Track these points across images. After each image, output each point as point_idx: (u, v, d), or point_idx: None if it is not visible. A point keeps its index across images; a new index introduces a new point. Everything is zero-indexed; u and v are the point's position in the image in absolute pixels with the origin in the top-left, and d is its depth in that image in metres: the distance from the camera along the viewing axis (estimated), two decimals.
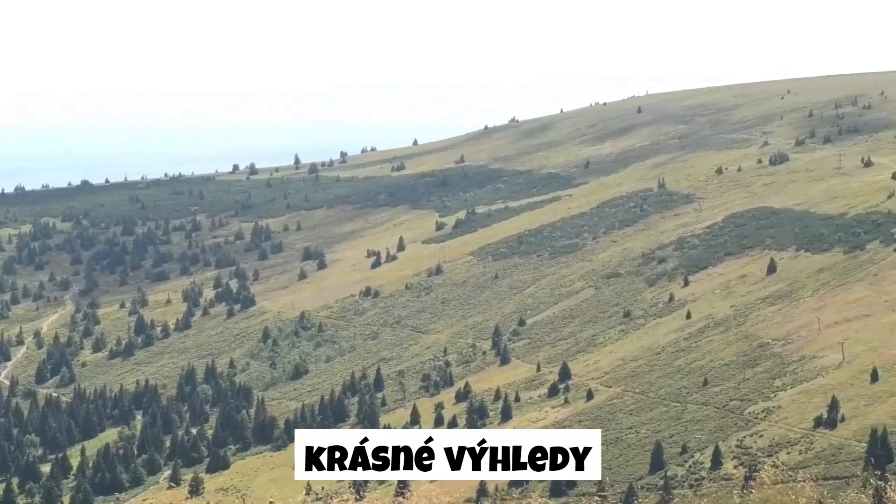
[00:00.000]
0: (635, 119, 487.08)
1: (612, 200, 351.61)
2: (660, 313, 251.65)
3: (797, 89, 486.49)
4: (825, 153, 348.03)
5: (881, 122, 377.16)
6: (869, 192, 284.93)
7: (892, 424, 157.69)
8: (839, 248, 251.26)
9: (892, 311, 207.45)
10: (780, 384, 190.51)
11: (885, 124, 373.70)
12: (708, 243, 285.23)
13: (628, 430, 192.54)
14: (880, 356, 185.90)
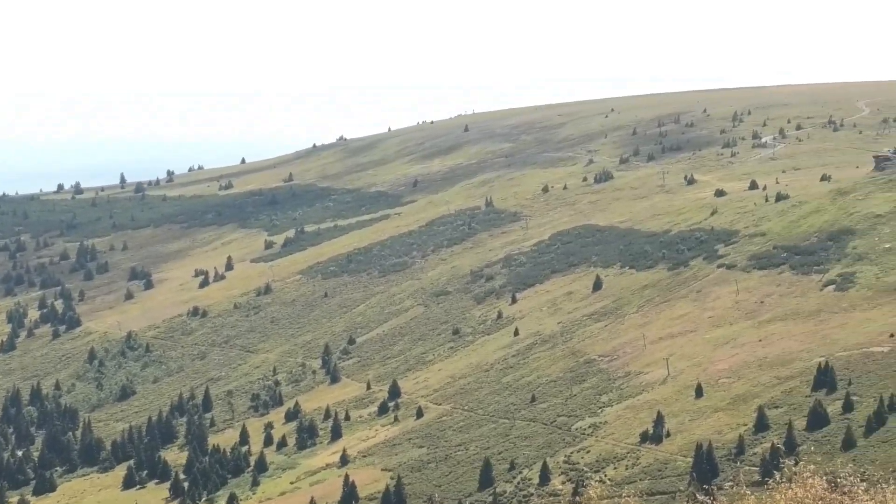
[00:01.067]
0: (462, 137, 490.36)
1: (440, 219, 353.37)
2: (488, 330, 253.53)
3: (621, 108, 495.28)
4: (649, 171, 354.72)
5: (703, 140, 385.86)
6: (692, 209, 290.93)
7: (717, 439, 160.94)
8: (663, 264, 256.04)
9: (715, 327, 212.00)
10: (607, 400, 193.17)
11: (707, 142, 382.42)
12: (535, 261, 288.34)
13: (457, 447, 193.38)
14: (704, 371, 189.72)
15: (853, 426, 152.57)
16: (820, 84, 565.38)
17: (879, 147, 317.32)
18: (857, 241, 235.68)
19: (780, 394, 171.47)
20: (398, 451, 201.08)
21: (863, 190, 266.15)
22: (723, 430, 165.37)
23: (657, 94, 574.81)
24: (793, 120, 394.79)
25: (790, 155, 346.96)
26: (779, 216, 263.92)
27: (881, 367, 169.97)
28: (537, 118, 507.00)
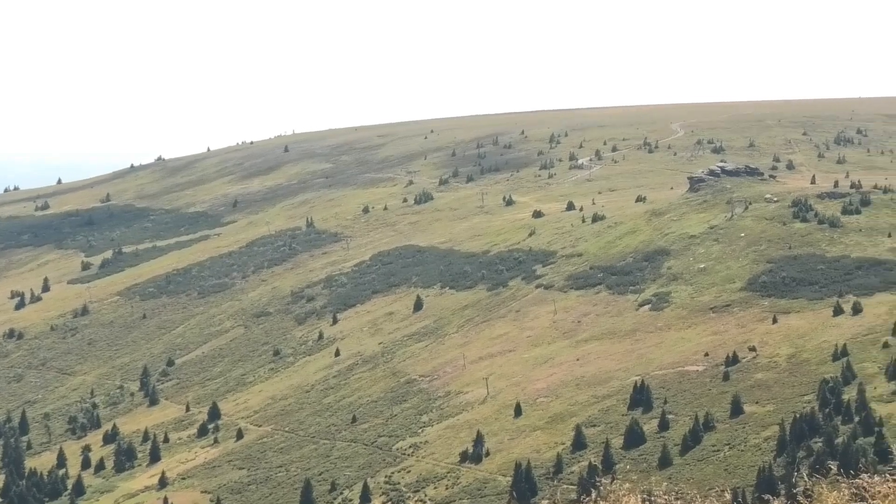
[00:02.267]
0: (282, 157, 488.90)
1: (260, 239, 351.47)
2: (309, 351, 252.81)
3: (440, 129, 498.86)
4: (468, 192, 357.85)
5: (521, 161, 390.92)
6: (511, 229, 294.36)
7: (535, 458, 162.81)
8: (483, 285, 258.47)
9: (534, 347, 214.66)
10: (427, 420, 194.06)
11: (525, 163, 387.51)
12: (356, 281, 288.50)
13: (278, 468, 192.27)
14: (523, 391, 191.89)
15: (669, 444, 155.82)
16: (635, 106, 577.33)
17: (693, 168, 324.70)
18: (671, 262, 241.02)
19: (598, 412, 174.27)
20: (218, 473, 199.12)
21: (677, 211, 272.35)
22: (541, 448, 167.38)
23: (475, 116, 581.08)
24: (609, 141, 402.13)
25: (606, 176, 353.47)
26: (595, 237, 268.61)
27: (696, 386, 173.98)
28: (357, 138, 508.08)
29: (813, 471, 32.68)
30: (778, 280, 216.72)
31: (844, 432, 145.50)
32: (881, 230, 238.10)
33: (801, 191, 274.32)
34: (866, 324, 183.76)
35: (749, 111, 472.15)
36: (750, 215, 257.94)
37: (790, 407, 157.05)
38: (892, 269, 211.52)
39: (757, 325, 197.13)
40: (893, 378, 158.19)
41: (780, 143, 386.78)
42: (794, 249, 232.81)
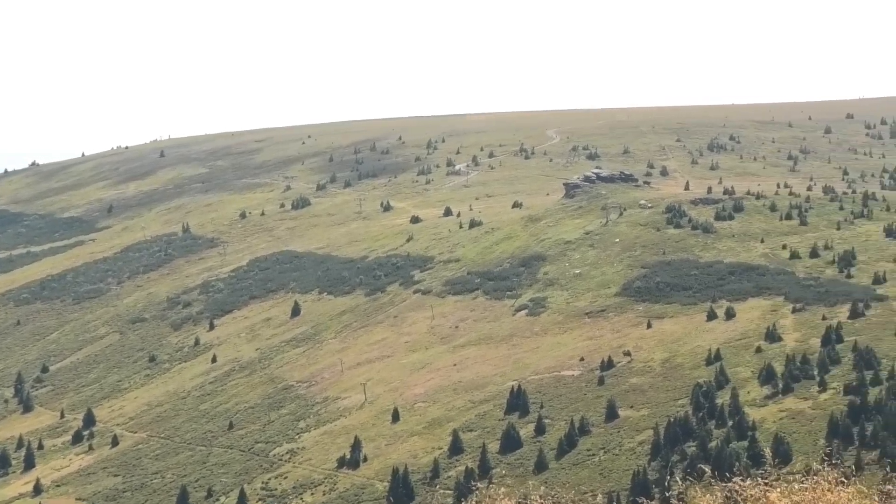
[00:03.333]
0: (158, 162, 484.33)
1: (136, 245, 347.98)
2: (185, 357, 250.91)
3: (317, 134, 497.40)
4: (346, 197, 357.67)
5: (399, 167, 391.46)
6: (388, 235, 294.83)
7: (413, 463, 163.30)
8: (361, 290, 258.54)
9: (411, 352, 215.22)
10: (305, 426, 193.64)
11: (402, 169, 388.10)
12: (233, 287, 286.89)
13: (154, 475, 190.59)
14: (401, 396, 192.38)
15: (545, 449, 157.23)
16: (511, 112, 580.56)
17: (569, 174, 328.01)
18: (547, 267, 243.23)
19: (475, 417, 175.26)
20: (93, 479, 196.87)
21: (553, 216, 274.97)
22: (418, 454, 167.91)
23: (353, 121, 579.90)
24: (486, 147, 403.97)
25: (483, 182, 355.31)
26: (472, 242, 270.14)
27: (572, 391, 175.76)
28: (234, 143, 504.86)
29: (686, 474, 33.50)
30: (652, 285, 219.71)
31: (718, 436, 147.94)
32: (754, 235, 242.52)
33: (675, 197, 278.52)
34: (739, 328, 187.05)
35: (623, 118, 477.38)
36: (625, 221, 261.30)
37: (664, 411, 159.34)
38: (765, 275, 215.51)
39: (631, 329, 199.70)
40: (766, 383, 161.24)
41: (655, 150, 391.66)
42: (668, 255, 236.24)
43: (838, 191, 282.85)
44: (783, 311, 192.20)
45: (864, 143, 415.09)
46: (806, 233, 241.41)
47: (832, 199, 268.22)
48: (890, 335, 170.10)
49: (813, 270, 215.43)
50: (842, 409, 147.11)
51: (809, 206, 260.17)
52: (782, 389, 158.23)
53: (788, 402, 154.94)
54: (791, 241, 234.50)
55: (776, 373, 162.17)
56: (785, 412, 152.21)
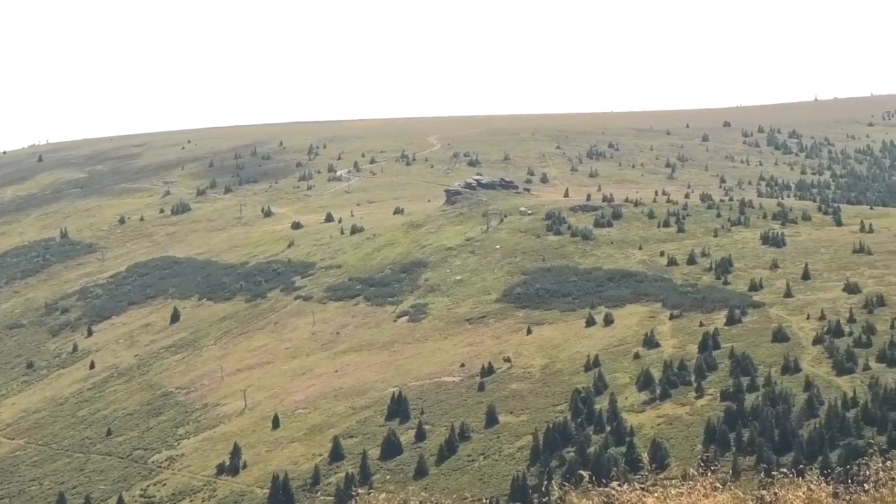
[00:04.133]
0: (36, 167, 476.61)
1: (13, 250, 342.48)
2: (63, 364, 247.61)
3: (197, 139, 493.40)
4: (227, 203, 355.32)
5: (280, 172, 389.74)
6: (269, 241, 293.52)
7: (293, 469, 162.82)
8: (241, 296, 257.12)
9: (292, 358, 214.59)
10: (184, 432, 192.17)
11: (283, 174, 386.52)
12: (111, 293, 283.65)
13: (31, 482, 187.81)
14: (281, 403, 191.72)
15: (425, 454, 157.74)
16: (393, 119, 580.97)
17: (450, 181, 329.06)
18: (429, 273, 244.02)
19: (355, 424, 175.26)
20: None
21: (434, 223, 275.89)
22: (299, 460, 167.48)
23: (233, 126, 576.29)
24: (367, 153, 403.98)
25: (365, 188, 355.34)
26: (354, 248, 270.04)
27: (452, 397, 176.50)
28: (112, 148, 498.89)
29: (565, 480, 33.94)
30: (532, 292, 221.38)
31: (596, 442, 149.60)
32: (632, 242, 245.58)
33: (555, 204, 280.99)
34: (618, 335, 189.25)
35: (504, 124, 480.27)
36: (505, 228, 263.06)
37: (544, 417, 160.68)
38: (643, 281, 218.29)
39: (512, 335, 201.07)
40: (644, 388, 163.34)
41: (535, 157, 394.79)
42: (547, 261, 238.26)
43: (715, 198, 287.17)
44: (661, 317, 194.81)
45: (741, 150, 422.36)
46: (683, 240, 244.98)
47: (709, 206, 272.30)
48: (766, 341, 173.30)
49: (690, 277, 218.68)
50: (718, 414, 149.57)
51: (687, 213, 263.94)
52: (660, 395, 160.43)
53: (666, 408, 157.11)
54: (669, 248, 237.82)
55: (654, 379, 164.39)
56: (662, 418, 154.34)
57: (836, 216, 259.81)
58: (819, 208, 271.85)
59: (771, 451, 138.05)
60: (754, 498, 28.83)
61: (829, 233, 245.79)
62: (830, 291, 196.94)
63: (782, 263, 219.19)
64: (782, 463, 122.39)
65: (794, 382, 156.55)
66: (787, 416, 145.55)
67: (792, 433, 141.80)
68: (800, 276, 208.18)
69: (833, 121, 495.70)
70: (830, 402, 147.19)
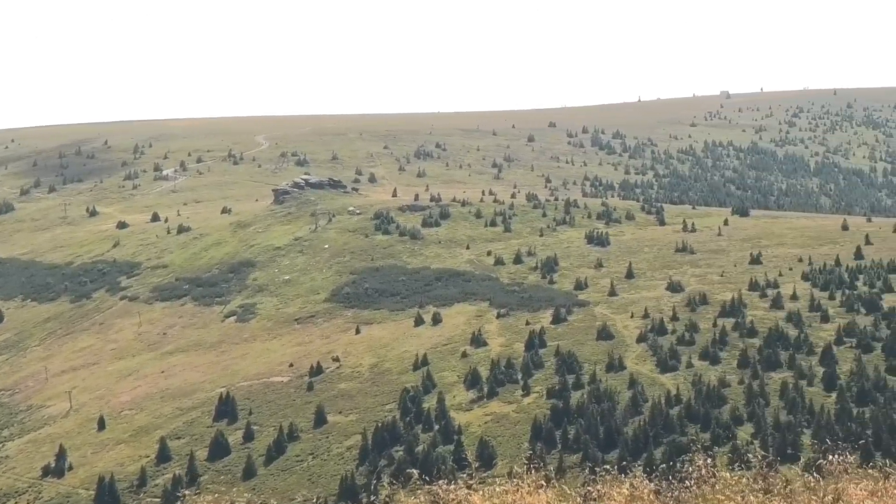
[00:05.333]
0: None
1: None
2: None
3: (21, 137, 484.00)
4: (51, 202, 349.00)
5: (105, 171, 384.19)
6: (95, 241, 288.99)
7: (119, 471, 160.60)
8: (66, 297, 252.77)
9: (118, 359, 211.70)
10: (8, 434, 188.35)
11: (109, 173, 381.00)
12: None
13: None
14: (107, 404, 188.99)
15: (254, 455, 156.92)
16: (219, 118, 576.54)
17: (278, 180, 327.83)
18: (257, 273, 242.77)
19: (183, 425, 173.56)
20: None
21: (263, 223, 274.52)
22: (125, 462, 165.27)
23: (57, 125, 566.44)
24: (194, 153, 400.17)
25: (192, 188, 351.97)
26: (181, 248, 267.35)
27: (281, 397, 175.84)
28: None
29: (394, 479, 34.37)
30: (361, 291, 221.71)
31: (425, 440, 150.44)
32: (460, 242, 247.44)
33: (384, 203, 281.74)
34: (446, 334, 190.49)
35: (332, 124, 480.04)
36: (334, 227, 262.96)
37: (372, 416, 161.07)
38: (471, 280, 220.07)
39: (341, 335, 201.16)
40: (472, 387, 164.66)
41: (363, 157, 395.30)
42: (376, 261, 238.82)
43: (541, 198, 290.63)
44: (488, 316, 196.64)
45: (566, 151, 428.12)
46: (510, 239, 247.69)
47: (535, 206, 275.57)
48: (591, 340, 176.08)
49: (517, 276, 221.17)
50: (545, 412, 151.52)
51: (513, 213, 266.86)
52: (487, 394, 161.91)
53: (493, 406, 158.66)
54: (496, 248, 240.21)
55: (481, 377, 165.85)
56: (490, 416, 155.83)
57: (659, 216, 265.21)
58: (642, 208, 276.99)
59: (596, 448, 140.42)
60: (578, 495, 29.42)
61: (652, 232, 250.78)
62: (654, 290, 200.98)
63: (607, 262, 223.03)
64: (607, 460, 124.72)
65: (619, 380, 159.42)
66: (611, 413, 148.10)
67: (617, 430, 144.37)
68: (624, 274, 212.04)
69: (656, 121, 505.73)
70: (654, 399, 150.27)
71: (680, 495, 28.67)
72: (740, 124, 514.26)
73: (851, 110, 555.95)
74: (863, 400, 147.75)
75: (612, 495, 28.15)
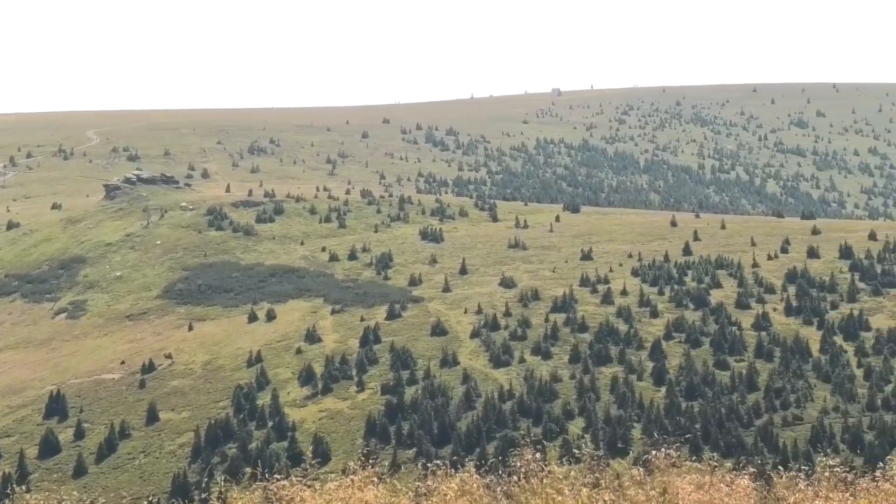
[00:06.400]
0: None
1: None
2: None
3: None
4: None
5: None
6: None
7: None
8: None
9: None
10: None
11: None
12: None
13: None
14: None
15: (84, 453, 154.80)
16: (48, 112, 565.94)
17: (109, 176, 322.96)
18: (88, 270, 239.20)
19: (12, 422, 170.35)
20: None
21: (94, 218, 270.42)
22: None
23: None
24: (23, 147, 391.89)
25: (21, 183, 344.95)
26: (10, 245, 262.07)
27: (112, 394, 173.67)
28: None
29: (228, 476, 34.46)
30: (194, 287, 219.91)
31: (259, 437, 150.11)
32: (294, 238, 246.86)
33: (217, 199, 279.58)
34: (280, 330, 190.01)
35: (164, 119, 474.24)
36: (166, 223, 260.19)
37: (205, 413, 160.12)
38: (305, 277, 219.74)
39: (173, 332, 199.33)
40: (306, 383, 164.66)
41: (196, 152, 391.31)
42: (209, 257, 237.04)
43: (376, 194, 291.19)
44: (323, 312, 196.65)
45: (400, 147, 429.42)
46: (345, 235, 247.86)
47: (370, 202, 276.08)
48: (425, 335, 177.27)
49: (351, 272, 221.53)
50: (379, 408, 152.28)
51: (348, 209, 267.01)
52: (322, 390, 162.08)
53: (328, 403, 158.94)
54: (330, 244, 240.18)
55: (316, 373, 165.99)
56: (324, 412, 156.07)
57: (492, 212, 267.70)
58: (476, 204, 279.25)
59: (430, 443, 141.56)
60: (411, 490, 29.88)
61: (485, 228, 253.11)
62: (487, 286, 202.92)
63: (441, 258, 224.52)
64: (441, 455, 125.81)
65: (453, 375, 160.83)
66: (445, 408, 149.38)
67: (450, 426, 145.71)
68: (458, 270, 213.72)
69: (489, 119, 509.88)
70: (487, 394, 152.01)
71: (509, 489, 29.27)
72: (571, 122, 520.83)
73: (680, 108, 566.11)
74: (691, 394, 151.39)
75: (442, 490, 28.67)
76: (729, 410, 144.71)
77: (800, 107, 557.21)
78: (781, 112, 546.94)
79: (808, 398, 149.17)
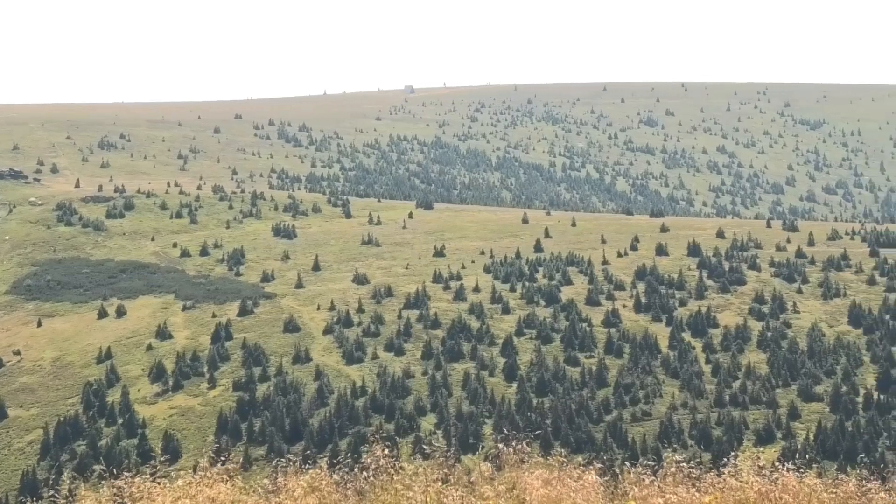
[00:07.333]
0: None
1: None
2: None
3: None
4: None
5: None
6: None
7: None
8: None
9: None
10: None
11: None
12: None
13: None
14: None
15: None
16: None
17: None
18: None
19: None
20: None
21: None
22: None
23: None
24: None
25: None
26: None
27: None
28: None
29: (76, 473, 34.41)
30: (43, 283, 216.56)
31: (108, 434, 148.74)
32: (145, 233, 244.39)
33: (66, 194, 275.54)
34: (130, 326, 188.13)
35: (12, 114, 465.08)
36: (15, 218, 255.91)
37: (55, 410, 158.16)
38: (156, 273, 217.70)
39: (22, 328, 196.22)
40: (157, 380, 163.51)
41: (45, 147, 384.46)
42: (59, 253, 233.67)
43: (227, 190, 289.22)
44: (174, 308, 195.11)
45: (252, 143, 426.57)
46: (196, 231, 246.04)
47: (222, 198, 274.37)
48: (278, 332, 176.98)
49: (203, 268, 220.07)
50: (231, 405, 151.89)
51: (199, 204, 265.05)
52: (173, 387, 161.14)
53: (179, 399, 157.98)
54: (182, 240, 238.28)
55: (167, 370, 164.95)
56: (175, 409, 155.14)
57: (345, 208, 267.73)
58: (329, 201, 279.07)
59: (282, 440, 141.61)
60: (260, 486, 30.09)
61: (339, 225, 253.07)
62: (340, 282, 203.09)
63: (293, 255, 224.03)
64: (293, 452, 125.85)
65: (305, 372, 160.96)
66: (297, 405, 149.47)
67: (303, 422, 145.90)
68: (310, 267, 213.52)
69: (342, 115, 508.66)
70: (340, 391, 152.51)
71: (360, 486, 29.66)
72: (424, 119, 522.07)
73: (531, 106, 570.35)
74: (542, 390, 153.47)
75: (291, 487, 28.96)
76: (579, 406, 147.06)
77: (649, 105, 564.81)
78: (631, 111, 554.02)
79: (657, 394, 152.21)
